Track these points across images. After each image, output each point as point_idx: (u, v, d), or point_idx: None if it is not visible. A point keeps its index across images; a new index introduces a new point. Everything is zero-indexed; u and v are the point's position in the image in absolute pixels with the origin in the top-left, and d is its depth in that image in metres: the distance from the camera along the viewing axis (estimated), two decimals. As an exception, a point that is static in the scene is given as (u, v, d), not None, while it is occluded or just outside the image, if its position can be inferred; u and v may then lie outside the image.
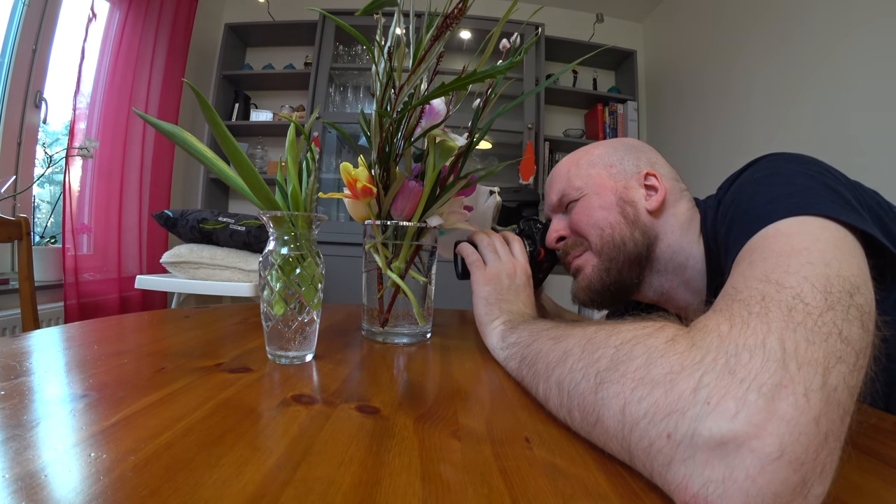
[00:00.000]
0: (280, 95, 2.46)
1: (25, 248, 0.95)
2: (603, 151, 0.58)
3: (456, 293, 0.47)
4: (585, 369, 0.27)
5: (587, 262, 0.56)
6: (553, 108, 2.56)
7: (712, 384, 0.21)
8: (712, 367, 0.22)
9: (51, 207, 1.72)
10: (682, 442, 0.20)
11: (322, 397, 0.32)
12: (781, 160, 0.41)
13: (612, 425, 0.24)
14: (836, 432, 0.20)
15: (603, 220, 0.54)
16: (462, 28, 2.20)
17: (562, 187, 0.59)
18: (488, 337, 0.48)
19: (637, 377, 0.24)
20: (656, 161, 0.58)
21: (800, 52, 1.62)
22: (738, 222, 0.38)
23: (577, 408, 0.27)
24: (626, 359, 0.25)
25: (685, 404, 0.21)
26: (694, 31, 2.26)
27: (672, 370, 0.23)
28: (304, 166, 0.45)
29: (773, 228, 0.32)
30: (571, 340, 0.31)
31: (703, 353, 0.23)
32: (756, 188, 0.39)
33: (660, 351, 0.24)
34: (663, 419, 0.21)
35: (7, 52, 1.42)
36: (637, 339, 0.26)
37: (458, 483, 0.21)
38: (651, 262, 0.54)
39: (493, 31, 0.49)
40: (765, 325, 0.23)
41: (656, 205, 0.53)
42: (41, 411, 0.26)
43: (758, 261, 0.30)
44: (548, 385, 0.31)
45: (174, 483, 0.19)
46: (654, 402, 0.22)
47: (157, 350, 0.43)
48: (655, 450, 0.21)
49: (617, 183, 0.55)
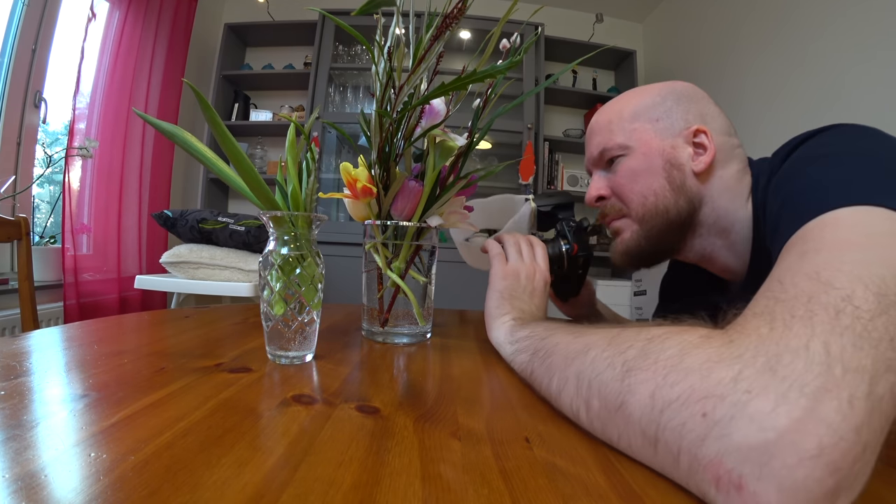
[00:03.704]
0: (280, 95, 2.46)
1: (25, 248, 0.95)
2: (649, 101, 0.53)
3: (456, 293, 0.47)
4: (611, 359, 0.27)
5: (626, 227, 0.54)
6: (553, 108, 2.57)
7: (752, 377, 0.20)
8: (751, 363, 0.21)
9: (50, 207, 1.72)
10: (720, 422, 0.20)
11: (322, 397, 0.32)
12: (849, 136, 0.38)
13: (638, 409, 0.24)
14: (874, 445, 0.19)
15: (647, 187, 0.51)
16: (462, 28, 2.20)
17: (602, 141, 0.54)
18: (495, 330, 0.47)
19: (670, 365, 0.23)
20: (707, 112, 0.52)
21: (800, 51, 1.62)
22: (792, 203, 0.35)
23: (596, 396, 0.27)
24: (658, 349, 0.25)
25: (724, 390, 0.20)
26: (694, 31, 2.26)
27: (709, 360, 0.22)
28: (304, 166, 0.45)
29: (830, 217, 0.30)
30: (594, 336, 0.31)
31: (742, 349, 0.22)
32: (817, 167, 0.36)
33: (694, 344, 0.24)
34: (698, 401, 0.21)
35: (7, 51, 1.42)
36: (669, 334, 0.26)
37: (458, 483, 0.21)
38: (693, 227, 0.51)
39: (493, 31, 0.49)
40: (808, 328, 0.21)
41: (704, 166, 0.49)
42: (41, 411, 0.26)
43: (810, 252, 0.28)
44: (564, 376, 0.31)
45: (174, 483, 0.19)
46: (689, 386, 0.22)
47: (157, 350, 0.43)
48: (688, 428, 0.21)
49: (663, 142, 0.51)
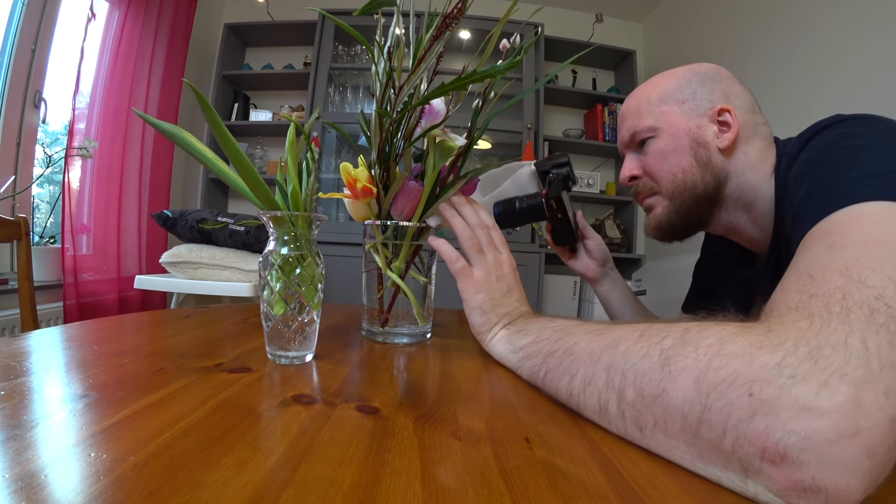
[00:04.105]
0: (279, 95, 2.46)
1: (24, 248, 0.95)
2: (675, 85, 0.56)
3: (456, 293, 0.47)
4: (647, 349, 0.27)
5: (658, 203, 0.58)
6: (552, 108, 2.57)
7: (795, 364, 0.22)
8: (793, 352, 0.22)
9: (50, 207, 1.72)
10: (767, 401, 0.21)
11: (322, 397, 0.32)
12: (877, 127, 0.38)
13: (680, 394, 0.24)
14: None
15: (676, 165, 0.54)
16: (462, 28, 2.20)
17: (632, 124, 0.58)
18: (492, 345, 0.46)
19: (712, 352, 0.24)
20: (731, 91, 0.55)
21: (800, 51, 1.62)
22: (818, 192, 0.35)
23: (631, 385, 0.27)
24: (696, 338, 0.25)
25: (769, 374, 0.22)
26: (694, 31, 2.26)
27: (751, 346, 0.23)
28: (304, 166, 0.45)
29: (856, 210, 0.30)
30: (620, 331, 0.31)
31: (782, 339, 0.23)
32: (844, 157, 0.36)
33: (733, 332, 0.25)
34: (745, 384, 0.22)
35: (6, 51, 1.42)
36: (705, 325, 0.27)
37: (458, 483, 0.21)
38: (720, 201, 0.55)
39: (493, 31, 0.49)
40: (846, 325, 0.23)
41: (728, 143, 0.52)
42: (41, 411, 0.26)
43: (837, 246, 0.29)
44: (590, 372, 0.30)
45: (174, 483, 0.19)
46: (734, 370, 0.23)
47: (157, 350, 0.43)
48: (736, 406, 0.22)
49: (690, 122, 0.54)
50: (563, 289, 2.25)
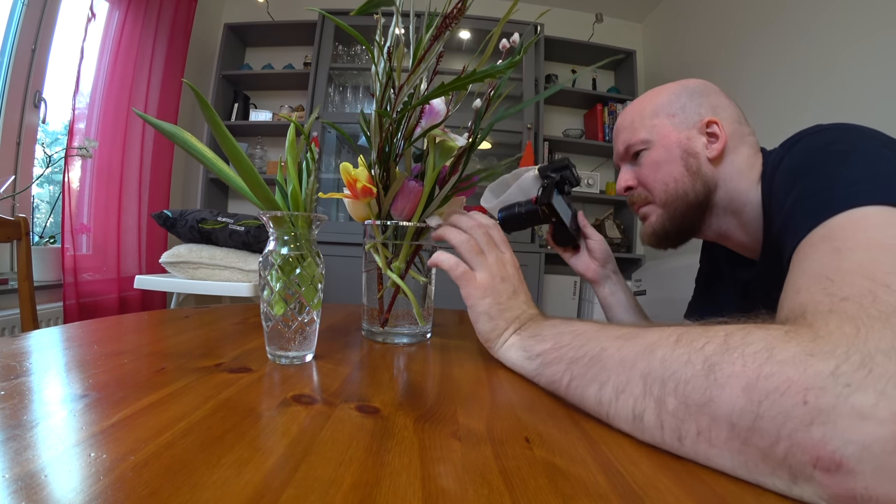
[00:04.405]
0: (279, 95, 2.46)
1: (24, 248, 0.95)
2: (665, 100, 0.59)
3: (456, 293, 0.47)
4: (688, 356, 0.26)
5: (652, 212, 0.61)
6: (552, 108, 2.57)
7: (850, 373, 0.21)
8: (846, 359, 0.22)
9: (50, 207, 1.72)
10: (824, 410, 0.21)
11: (322, 397, 0.32)
12: (856, 135, 0.40)
13: (729, 402, 0.23)
14: None
15: (668, 175, 0.57)
16: (462, 28, 2.20)
17: (627, 138, 0.61)
18: (503, 353, 0.44)
19: (760, 359, 0.24)
20: (718, 104, 0.58)
21: (800, 51, 1.62)
22: (810, 197, 0.36)
23: (672, 394, 0.26)
24: (742, 344, 0.25)
25: (824, 383, 0.22)
26: (693, 31, 2.26)
27: (802, 353, 0.23)
28: (304, 166, 0.45)
29: (858, 214, 0.31)
30: (652, 336, 0.30)
31: (833, 346, 0.23)
32: (832, 162, 0.37)
33: (781, 338, 0.24)
34: (799, 392, 0.22)
35: (6, 51, 1.42)
36: (748, 330, 0.26)
37: (458, 483, 0.21)
38: (710, 208, 0.57)
39: (493, 31, 0.49)
40: (890, 331, 0.23)
41: (716, 153, 0.55)
42: (41, 411, 0.26)
43: (844, 250, 0.29)
44: (623, 379, 0.29)
45: (174, 483, 0.19)
46: (787, 378, 0.22)
47: (157, 350, 0.43)
48: (791, 415, 0.22)
49: (680, 134, 0.57)
50: (563, 289, 2.25)
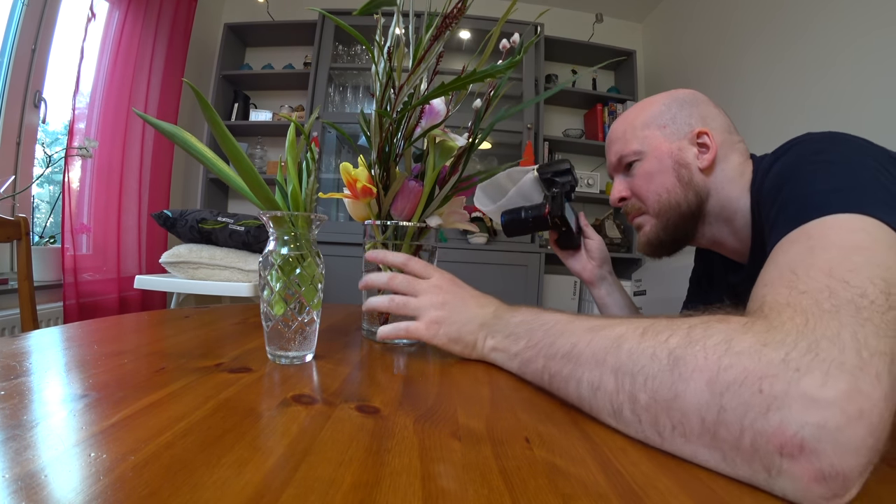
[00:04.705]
0: (279, 95, 2.46)
1: (24, 248, 0.95)
2: (656, 111, 0.60)
3: (456, 293, 0.47)
4: (653, 350, 0.28)
5: (646, 222, 0.62)
6: (552, 109, 2.57)
7: (798, 359, 0.23)
8: (794, 346, 0.24)
9: (50, 207, 1.72)
10: (778, 396, 0.23)
11: (322, 397, 0.32)
12: (844, 145, 0.42)
13: (695, 396, 0.25)
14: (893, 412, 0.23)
15: (660, 185, 0.58)
16: (462, 28, 2.20)
17: (619, 149, 0.62)
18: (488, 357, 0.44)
19: (720, 350, 0.25)
20: (708, 114, 0.59)
21: (801, 50, 1.62)
22: (792, 202, 0.38)
23: (642, 389, 0.27)
24: (702, 336, 0.26)
25: (776, 370, 0.23)
26: (693, 31, 2.26)
27: (756, 343, 0.25)
28: (304, 166, 0.45)
29: (832, 219, 0.33)
30: (620, 328, 0.31)
31: (784, 335, 0.25)
32: (814, 172, 0.39)
33: (739, 330, 0.26)
34: (755, 381, 0.23)
35: (6, 51, 1.42)
36: (709, 322, 0.28)
37: (458, 483, 0.21)
38: (703, 216, 0.58)
39: (492, 31, 0.49)
40: (837, 321, 0.25)
41: (707, 163, 0.56)
42: (41, 411, 0.26)
43: (818, 248, 0.31)
44: (596, 375, 0.30)
45: (174, 483, 0.19)
46: (744, 368, 0.24)
47: (157, 350, 0.43)
48: (749, 405, 0.23)
49: (671, 144, 0.58)
50: (563, 289, 2.25)
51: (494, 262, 1.99)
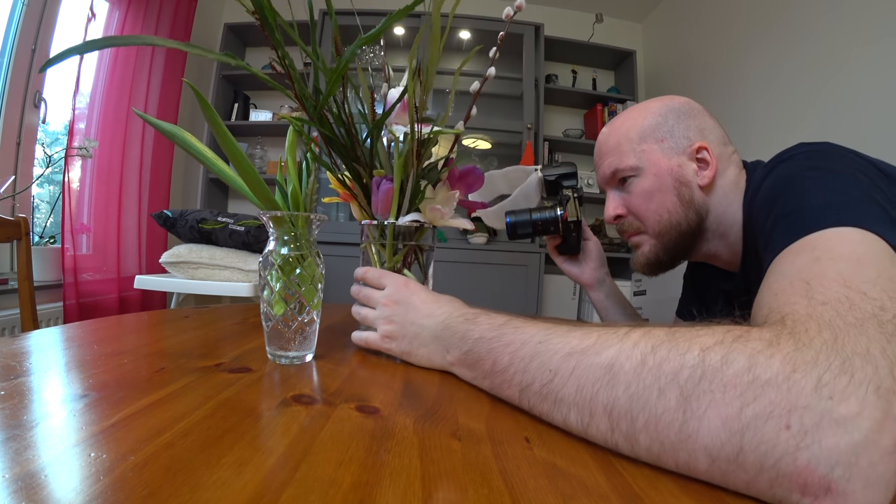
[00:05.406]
0: (279, 95, 2.46)
1: (24, 248, 0.95)
2: (652, 122, 0.57)
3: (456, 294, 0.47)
4: (659, 386, 0.24)
5: (645, 242, 0.59)
6: (552, 108, 2.56)
7: (832, 383, 0.22)
8: (827, 367, 0.22)
9: (50, 207, 1.71)
10: (808, 432, 0.21)
11: (322, 397, 0.32)
12: (832, 158, 0.41)
13: (708, 435, 0.22)
14: None
15: (661, 205, 0.56)
16: (462, 28, 2.20)
17: (614, 162, 0.59)
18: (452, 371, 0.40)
19: (743, 382, 0.22)
20: (705, 126, 0.57)
21: (801, 50, 1.62)
22: (788, 217, 0.38)
23: (644, 430, 0.24)
24: (721, 365, 0.23)
25: (808, 400, 0.21)
26: (693, 31, 2.26)
27: (786, 369, 0.22)
28: (304, 166, 0.45)
29: (832, 232, 0.33)
30: (608, 351, 0.27)
31: (815, 353, 0.23)
32: (808, 186, 0.39)
33: (763, 352, 0.23)
34: (783, 416, 0.21)
35: (6, 51, 1.42)
36: (726, 343, 0.24)
37: (458, 483, 0.21)
38: (702, 233, 0.57)
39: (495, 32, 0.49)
40: (865, 336, 0.24)
41: (708, 180, 0.54)
42: (41, 411, 0.26)
43: (825, 259, 0.31)
44: (587, 412, 0.26)
45: (174, 483, 0.19)
46: (769, 401, 0.22)
47: (157, 350, 0.43)
48: (773, 443, 0.21)
49: (671, 161, 0.56)
50: (563, 289, 2.25)
51: (494, 262, 1.99)
